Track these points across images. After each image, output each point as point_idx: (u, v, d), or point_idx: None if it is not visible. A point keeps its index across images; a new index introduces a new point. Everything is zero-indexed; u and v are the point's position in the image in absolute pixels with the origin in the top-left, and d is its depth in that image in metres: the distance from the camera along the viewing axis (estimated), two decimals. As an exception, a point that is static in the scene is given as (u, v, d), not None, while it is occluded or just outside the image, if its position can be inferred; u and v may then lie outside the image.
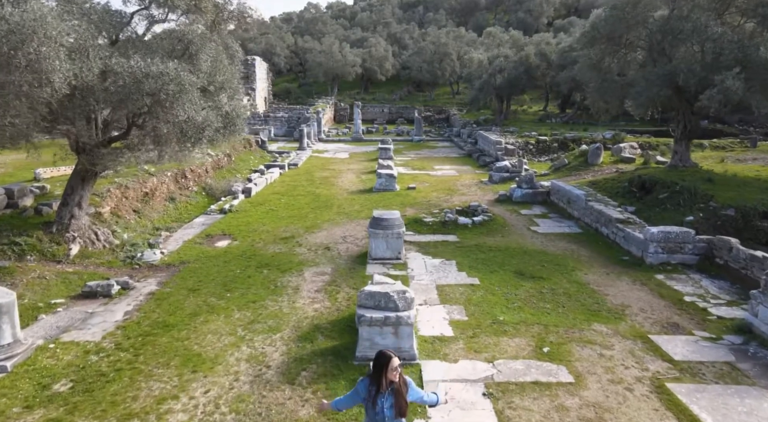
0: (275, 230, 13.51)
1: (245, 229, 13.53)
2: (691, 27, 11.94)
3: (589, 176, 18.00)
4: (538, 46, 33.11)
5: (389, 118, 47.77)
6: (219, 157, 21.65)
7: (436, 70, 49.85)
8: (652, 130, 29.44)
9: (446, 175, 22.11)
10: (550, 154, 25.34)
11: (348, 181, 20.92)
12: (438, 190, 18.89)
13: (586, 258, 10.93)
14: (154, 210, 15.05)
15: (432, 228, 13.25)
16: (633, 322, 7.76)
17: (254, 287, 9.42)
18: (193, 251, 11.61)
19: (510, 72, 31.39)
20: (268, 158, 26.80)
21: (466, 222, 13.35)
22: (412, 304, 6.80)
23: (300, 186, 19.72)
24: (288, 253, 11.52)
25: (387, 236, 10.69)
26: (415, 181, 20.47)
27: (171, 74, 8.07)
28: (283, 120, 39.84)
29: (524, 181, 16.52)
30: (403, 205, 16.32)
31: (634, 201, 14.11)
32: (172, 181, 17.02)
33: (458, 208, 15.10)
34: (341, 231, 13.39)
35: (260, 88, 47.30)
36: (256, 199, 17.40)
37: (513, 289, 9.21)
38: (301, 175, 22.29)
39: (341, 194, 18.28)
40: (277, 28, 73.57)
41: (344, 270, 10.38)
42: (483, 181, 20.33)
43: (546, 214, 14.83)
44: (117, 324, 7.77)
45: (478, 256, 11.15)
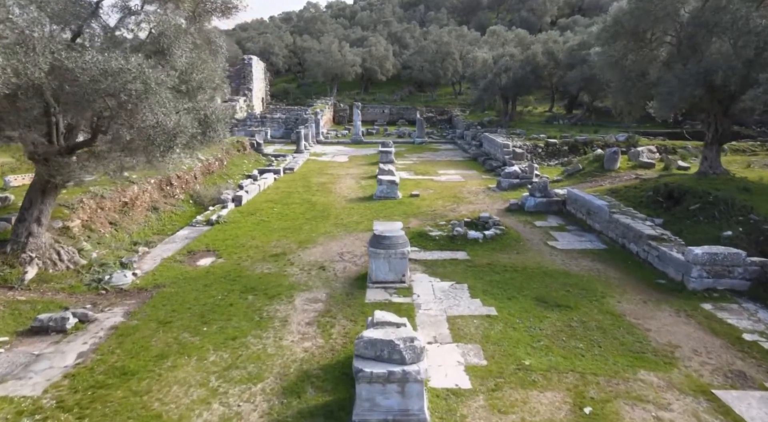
0: (265, 245, 12.20)
1: (232, 244, 12.22)
2: (729, 19, 10.65)
3: (607, 183, 16.69)
4: (545, 44, 31.81)
5: (390, 119, 46.47)
6: (209, 162, 20.36)
7: (438, 69, 48.54)
8: (665, 132, 28.13)
9: (451, 181, 20.80)
10: (560, 157, 24.02)
11: (347, 187, 19.61)
12: (443, 197, 17.57)
13: (616, 281, 9.61)
14: (134, 221, 13.74)
15: (439, 244, 11.93)
16: (688, 370, 6.45)
17: (236, 318, 8.11)
18: (170, 271, 10.30)
19: (516, 71, 30.09)
20: (263, 162, 25.50)
21: (476, 236, 12.04)
22: (421, 355, 5.49)
23: (295, 193, 18.41)
24: (278, 274, 10.21)
25: (389, 256, 9.38)
26: (418, 188, 19.16)
27: (133, 71, 6.78)
28: (280, 121, 38.54)
29: (537, 189, 15.21)
30: (406, 216, 15.02)
31: (661, 212, 12.80)
32: (156, 188, 15.72)
33: (467, 219, 13.78)
34: (338, 247, 12.08)
35: (257, 88, 46.02)
36: (246, 208, 16.09)
37: (537, 322, 7.89)
38: (297, 180, 20.98)
39: (339, 202, 16.97)
40: (276, 27, 72.36)
41: (341, 295, 9.07)
42: (491, 188, 19.02)
43: (563, 227, 13.51)
44: (65, 372, 6.46)
45: (492, 278, 9.84)
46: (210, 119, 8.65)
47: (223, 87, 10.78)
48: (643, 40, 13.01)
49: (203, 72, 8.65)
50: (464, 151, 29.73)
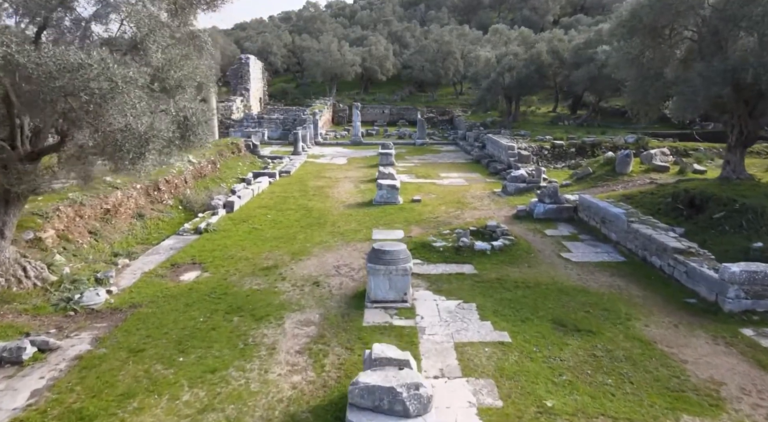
0: (256, 257, 11.30)
1: (220, 256, 11.31)
2: (761, 12, 9.76)
3: (620, 188, 15.79)
4: (550, 43, 30.91)
5: (390, 120, 45.58)
6: (201, 165, 19.46)
7: (439, 69, 47.64)
8: (674, 133, 27.21)
9: (454, 185, 19.89)
10: (567, 160, 23.13)
11: (345, 191, 18.71)
12: (446, 202, 16.67)
13: (640, 300, 8.70)
14: (117, 230, 12.84)
15: (443, 256, 11.03)
16: (739, 415, 5.54)
17: (218, 345, 7.21)
18: (150, 288, 9.39)
19: (520, 71, 29.19)
20: (259, 164, 24.61)
21: (483, 247, 11.14)
22: (428, 406, 4.60)
23: (291, 198, 17.51)
24: (268, 291, 9.31)
25: (390, 273, 8.48)
26: (419, 192, 18.26)
27: (95, 66, 5.89)
28: (278, 122, 37.66)
29: (547, 195, 14.30)
30: (408, 223, 14.11)
31: (681, 220, 11.90)
32: (143, 194, 14.81)
33: (472, 227, 12.88)
34: (334, 259, 11.17)
35: (254, 88, 45.14)
36: (238, 214, 15.19)
37: (556, 350, 6.99)
38: (293, 184, 20.08)
39: (337, 208, 16.07)
40: (275, 27, 71.46)
41: (336, 317, 8.17)
42: (496, 192, 18.12)
43: (576, 236, 12.61)
44: (12, 416, 5.56)
45: (503, 296, 8.94)
46: (190, 122, 7.75)
47: (209, 86, 9.89)
48: (661, 36, 12.12)
49: (183, 69, 7.74)
50: (467, 153, 28.83)
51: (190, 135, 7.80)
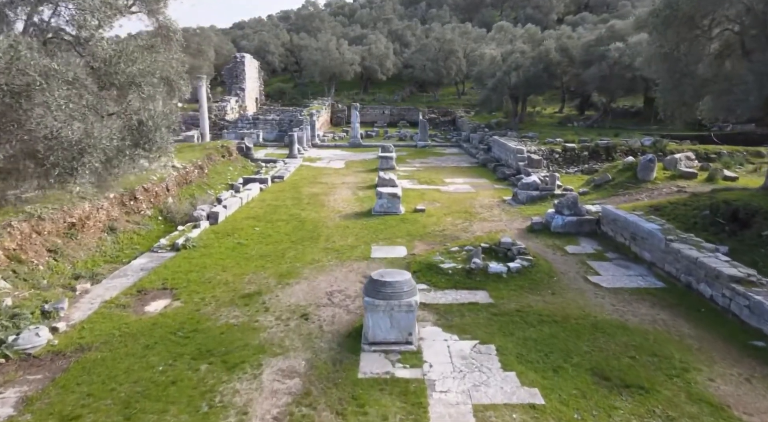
0: (237, 280, 9.83)
1: (196, 279, 9.84)
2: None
3: (644, 197, 14.31)
4: (559, 40, 29.44)
5: (390, 121, 44.11)
6: (187, 170, 17.98)
7: (441, 68, 46.18)
8: (691, 135, 25.74)
9: (460, 192, 18.42)
10: (579, 164, 21.66)
11: (342, 199, 17.23)
12: (453, 212, 15.20)
13: (694, 341, 7.23)
14: (83, 246, 11.37)
15: (453, 280, 9.55)
16: None
17: (175, 408, 5.74)
18: (106, 323, 7.92)
19: (527, 69, 27.72)
20: (251, 168, 23.14)
21: (498, 270, 9.66)
22: None
23: (282, 207, 16.03)
24: (246, 326, 7.84)
25: (391, 309, 7.01)
26: (423, 200, 16.78)
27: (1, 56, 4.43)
28: (273, 123, 36.22)
29: (566, 206, 12.83)
30: (411, 237, 12.64)
31: (723, 237, 10.43)
32: (116, 204, 13.34)
33: (484, 243, 11.41)
34: (327, 283, 9.70)
35: (250, 88, 43.69)
36: (223, 227, 13.72)
37: (604, 417, 5.52)
38: (286, 191, 18.61)
39: (332, 219, 14.60)
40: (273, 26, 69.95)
41: (325, 365, 6.70)
42: (506, 200, 16.64)
43: (601, 254, 11.13)
44: None
45: (526, 334, 7.46)
46: (146, 127, 6.28)
47: (180, 84, 8.42)
48: (699, 27, 10.67)
49: (138, 62, 6.27)
50: (471, 156, 27.36)
51: (145, 142, 6.33)
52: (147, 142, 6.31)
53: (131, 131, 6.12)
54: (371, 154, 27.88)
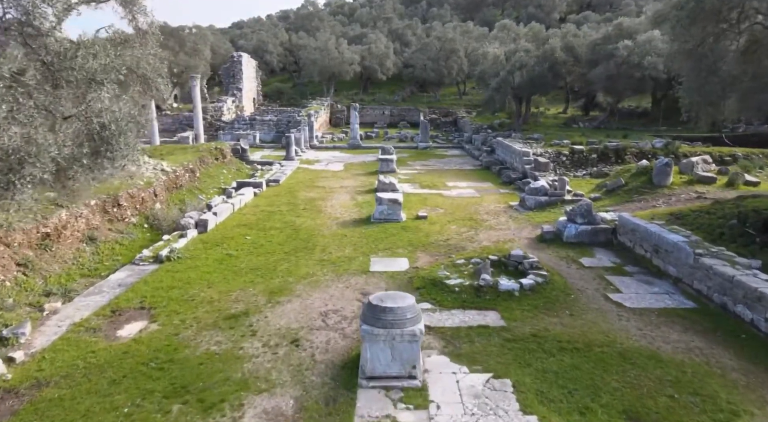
0: (223, 298, 8.95)
1: (178, 297, 8.96)
2: None
3: (661, 203, 13.44)
4: (564, 38, 28.57)
5: (390, 121, 43.26)
6: (177, 174, 17.10)
7: (442, 68, 45.33)
8: (701, 136, 24.89)
9: (464, 197, 17.54)
10: (588, 167, 20.79)
11: (340, 205, 16.35)
12: (457, 219, 14.32)
13: (740, 375, 6.35)
14: (58, 259, 10.50)
15: (460, 299, 8.67)
16: None
17: (139, 462, 4.87)
18: (72, 351, 7.04)
19: (532, 69, 26.85)
20: (246, 171, 22.27)
21: (510, 287, 8.78)
22: None
23: (277, 213, 15.15)
24: (229, 355, 6.96)
25: (393, 339, 6.14)
26: (425, 206, 15.91)
27: None
28: (271, 124, 35.36)
29: (579, 214, 11.96)
30: (413, 248, 11.77)
31: (754, 249, 9.55)
32: (97, 211, 12.46)
33: (492, 256, 10.53)
34: (322, 301, 8.83)
35: (247, 88, 42.84)
36: (212, 235, 12.85)
37: (644, 477, 4.64)
38: (281, 195, 17.73)
39: (329, 226, 13.72)
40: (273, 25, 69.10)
41: (317, 405, 5.82)
42: (513, 206, 15.76)
43: (620, 268, 10.24)
44: None
45: (545, 366, 6.59)
46: (109, 131, 5.39)
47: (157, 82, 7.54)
48: (726, 21, 9.81)
49: (100, 56, 5.39)
50: (474, 158, 26.49)
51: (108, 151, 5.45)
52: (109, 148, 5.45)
53: (91, 136, 5.27)
54: (371, 156, 27.02)
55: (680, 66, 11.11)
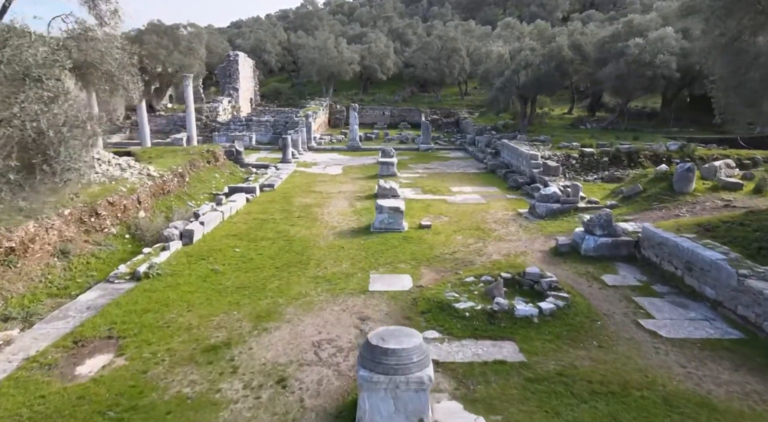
0: (204, 323, 7.92)
1: (152, 322, 7.93)
2: None
3: (685, 212, 12.41)
4: (571, 36, 27.53)
5: (391, 122, 42.26)
6: (164, 179, 16.06)
7: (444, 67, 44.31)
8: (715, 138, 23.88)
9: (469, 203, 16.50)
10: (599, 170, 19.75)
11: (337, 212, 15.31)
12: (463, 229, 13.29)
13: (809, 429, 5.33)
14: (23, 276, 9.47)
15: (471, 326, 7.63)
16: None
17: None
18: (18, 396, 6.00)
19: (538, 68, 25.82)
20: (240, 175, 21.25)
21: (528, 312, 7.75)
22: None
23: (270, 221, 14.12)
24: (203, 400, 5.93)
25: (396, 387, 5.11)
26: (428, 213, 14.89)
27: None
28: (268, 125, 34.32)
29: (598, 225, 10.93)
30: (416, 262, 10.74)
31: (800, 268, 8.49)
32: (72, 222, 11.43)
33: (505, 273, 9.51)
34: (314, 327, 7.80)
35: (244, 88, 41.84)
36: (198, 248, 11.82)
37: None
38: (276, 201, 16.69)
39: (325, 237, 12.69)
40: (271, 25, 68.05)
41: (304, 471, 4.79)
42: (522, 214, 14.73)
43: (648, 287, 9.21)
44: None
45: (578, 415, 5.55)
46: (46, 139, 4.36)
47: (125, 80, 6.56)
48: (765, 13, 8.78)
49: (33, 46, 4.35)
50: (478, 161, 25.46)
51: (42, 162, 4.42)
52: (47, 160, 4.43)
53: (24, 146, 4.25)
54: (371, 159, 26.01)
55: (714, 62, 10.09)
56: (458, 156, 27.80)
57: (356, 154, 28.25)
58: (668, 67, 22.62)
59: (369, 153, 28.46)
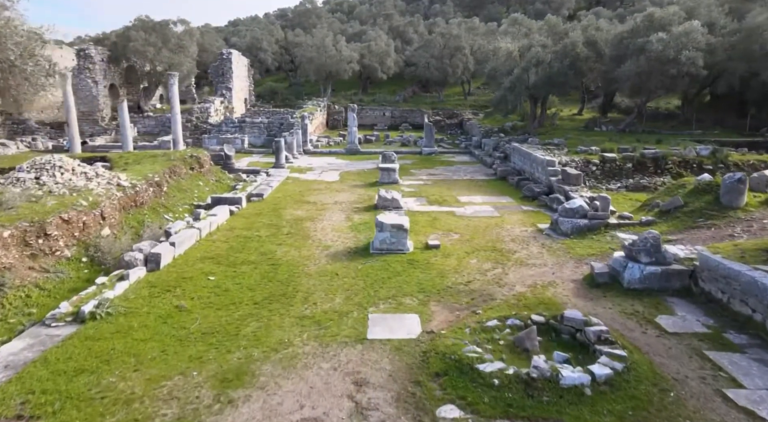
0: (151, 392, 6.05)
1: (82, 391, 6.05)
2: None
3: (740, 232, 10.53)
4: (585, 31, 25.66)
5: (391, 123, 40.44)
6: (137, 189, 14.18)
7: (447, 66, 42.47)
8: (743, 141, 22.02)
9: (481, 216, 14.63)
10: (621, 178, 17.89)
11: (332, 227, 13.46)
12: (478, 249, 11.43)
13: None
14: (-63, 320, 7.59)
15: (503, 400, 5.74)
16: None
17: None
18: None
19: (551, 65, 23.96)
20: (228, 182, 19.39)
21: (577, 381, 5.87)
22: None
23: (254, 240, 12.27)
24: None
25: None
26: (435, 229, 13.04)
27: None
28: (262, 126, 32.48)
29: (644, 251, 9.06)
30: (425, 295, 8.88)
31: None
32: (13, 244, 9.56)
33: (538, 315, 7.65)
34: (295, 399, 5.92)
35: (238, 87, 40.01)
36: (166, 275, 9.96)
37: None
38: (263, 214, 14.84)
39: (317, 260, 10.83)
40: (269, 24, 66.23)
41: None
42: (543, 230, 12.87)
43: (719, 334, 7.33)
44: None
45: None
46: None
47: (29, 72, 5.23)
48: None
49: None
50: (486, 166, 23.62)
51: None
52: None
53: None
54: (370, 163, 24.19)
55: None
56: (464, 160, 25.95)
57: (355, 158, 26.41)
58: (694, 64, 20.77)
59: (368, 157, 26.63)
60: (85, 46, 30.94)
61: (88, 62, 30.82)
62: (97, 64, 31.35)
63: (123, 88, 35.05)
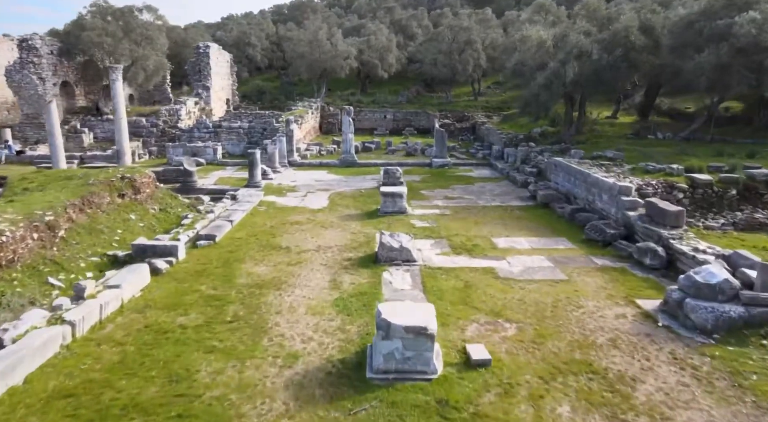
0: None
1: None
2: None
3: None
4: (639, 14, 20.50)
5: (394, 127, 35.32)
6: (4, 238, 9.03)
7: (456, 63, 37.29)
8: None
9: (538, 280, 9.44)
10: (723, 210, 12.75)
11: (307, 305, 8.31)
12: (559, 371, 6.28)
13: None
14: None
15: None
16: None
17: None
18: None
19: (599, 57, 18.85)
20: (178, 211, 14.23)
21: None
22: None
23: (169, 338, 7.15)
24: None
25: None
26: (472, 309, 7.90)
27: None
28: (241, 132, 27.39)
29: None
30: None
31: None
32: None
33: None
34: None
35: (218, 86, 34.87)
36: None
37: None
38: (206, 274, 9.72)
39: (268, 397, 5.67)
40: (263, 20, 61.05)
41: None
42: (657, 319, 7.73)
43: None
44: None
45: None
46: None
47: None
48: None
49: None
50: (516, 185, 18.51)
51: None
52: None
53: None
54: (369, 180, 19.14)
55: None
56: (485, 176, 20.84)
57: (350, 172, 21.29)
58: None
59: (367, 170, 21.53)
60: (28, 35, 25.80)
61: (32, 55, 25.70)
62: (44, 57, 26.24)
63: (79, 87, 29.95)
